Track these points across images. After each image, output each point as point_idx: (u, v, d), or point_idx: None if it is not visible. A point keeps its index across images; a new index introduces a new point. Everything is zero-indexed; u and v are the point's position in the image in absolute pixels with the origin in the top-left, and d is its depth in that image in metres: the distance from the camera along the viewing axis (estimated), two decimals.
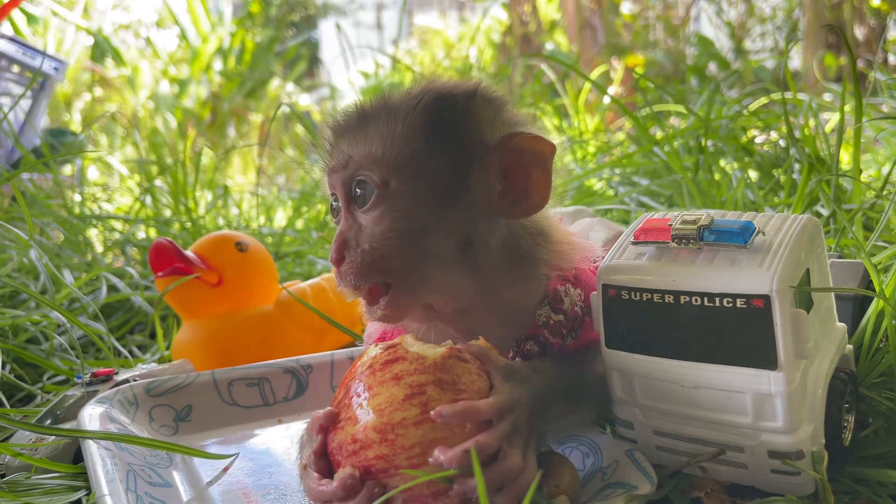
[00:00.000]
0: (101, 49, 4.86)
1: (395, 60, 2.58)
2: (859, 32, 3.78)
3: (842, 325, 0.62)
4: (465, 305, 0.60)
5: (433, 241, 0.57)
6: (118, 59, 4.89)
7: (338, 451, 0.51)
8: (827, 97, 2.05)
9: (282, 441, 0.73)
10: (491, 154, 0.58)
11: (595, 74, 2.59)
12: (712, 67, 3.90)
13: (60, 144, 1.87)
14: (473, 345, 0.54)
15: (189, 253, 0.89)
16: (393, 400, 0.49)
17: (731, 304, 0.52)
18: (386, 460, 0.48)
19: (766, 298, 0.50)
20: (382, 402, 0.50)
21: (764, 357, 0.51)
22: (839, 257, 0.79)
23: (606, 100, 2.20)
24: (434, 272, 0.58)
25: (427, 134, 0.57)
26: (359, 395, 0.51)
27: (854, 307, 0.70)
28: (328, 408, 0.53)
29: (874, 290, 0.67)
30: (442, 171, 0.57)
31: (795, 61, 3.76)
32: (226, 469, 0.66)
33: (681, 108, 1.68)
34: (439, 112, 0.57)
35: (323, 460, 0.52)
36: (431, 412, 0.48)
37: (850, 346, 0.62)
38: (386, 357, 0.52)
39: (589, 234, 0.80)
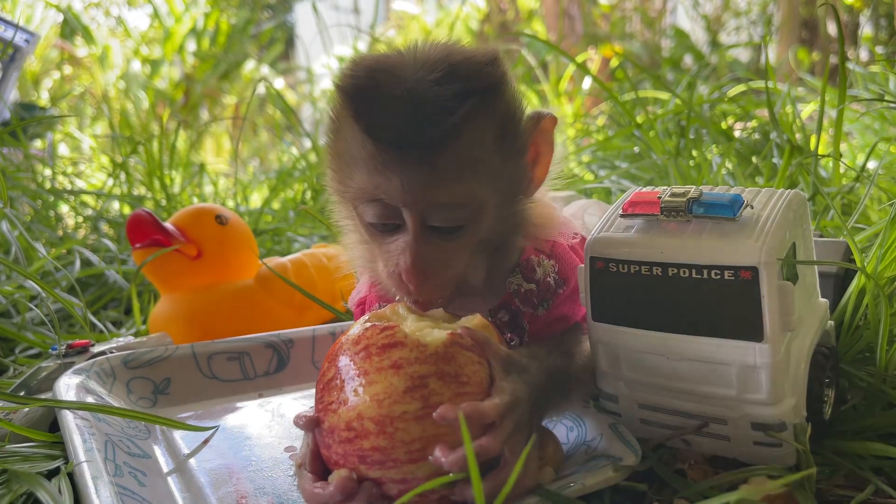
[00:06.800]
0: (71, 27, 4.75)
1: (373, 42, 2.56)
2: (832, 28, 3.83)
3: (824, 301, 0.62)
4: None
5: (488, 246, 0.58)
6: (88, 38, 4.79)
7: (329, 434, 0.49)
8: (801, 90, 2.08)
9: (262, 415, 0.72)
10: (528, 138, 0.58)
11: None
12: (687, 60, 3.93)
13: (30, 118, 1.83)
14: (473, 329, 0.52)
15: (168, 225, 0.88)
16: (392, 391, 0.47)
17: (718, 276, 0.52)
18: (383, 452, 0.47)
19: (754, 270, 0.51)
20: (381, 391, 0.48)
21: (750, 329, 0.52)
22: (820, 237, 0.80)
23: (585, 87, 2.21)
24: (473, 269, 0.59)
25: (497, 144, 0.55)
26: (353, 379, 0.49)
27: (836, 284, 0.71)
28: (311, 414, 0.52)
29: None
30: (508, 178, 0.57)
31: (770, 55, 3.80)
32: (206, 441, 0.65)
33: (661, 94, 1.69)
34: (505, 119, 0.56)
35: (318, 461, 0.51)
36: (435, 413, 0.46)
37: (831, 322, 0.63)
38: (383, 340, 0.50)
39: (584, 217, 0.80)
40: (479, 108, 0.52)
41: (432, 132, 0.51)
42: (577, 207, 0.83)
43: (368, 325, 0.52)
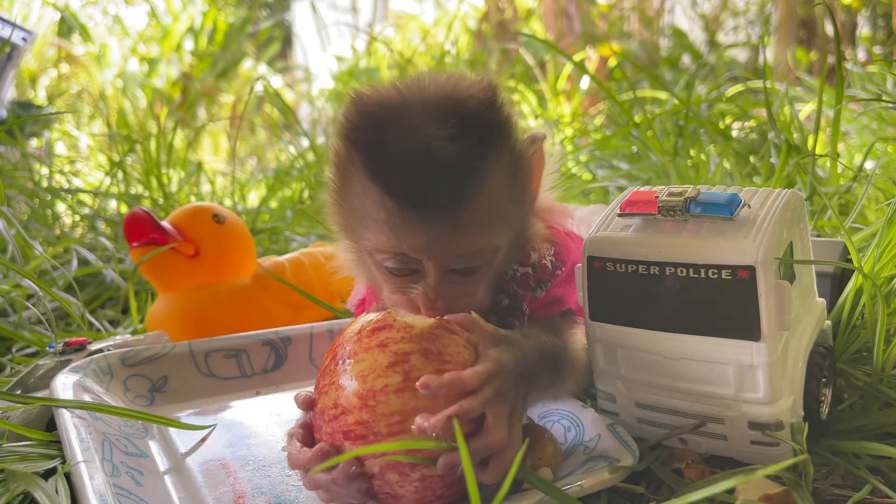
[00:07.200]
0: (68, 25, 4.74)
1: (371, 40, 2.56)
2: (830, 28, 3.83)
3: (821, 301, 0.63)
4: None
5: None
6: (85, 36, 4.78)
7: (319, 415, 0.51)
8: (799, 90, 2.08)
9: (260, 413, 0.72)
10: (530, 167, 0.60)
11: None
12: (685, 60, 3.93)
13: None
14: (462, 315, 0.53)
15: (165, 224, 0.88)
16: (376, 367, 0.49)
17: (716, 276, 0.52)
18: (365, 426, 0.48)
19: (752, 269, 0.51)
20: (366, 368, 0.49)
21: (747, 328, 0.52)
22: (818, 236, 0.80)
23: (583, 86, 2.21)
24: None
25: (509, 188, 0.57)
26: (344, 361, 0.51)
27: (833, 284, 0.72)
28: (308, 393, 0.53)
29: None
30: (519, 213, 0.59)
31: (768, 54, 3.80)
32: (203, 440, 0.65)
33: (659, 94, 1.69)
34: (513, 162, 0.57)
35: (310, 434, 0.52)
36: (417, 383, 0.47)
37: (828, 322, 0.63)
38: (374, 325, 0.52)
39: (591, 221, 0.81)
40: (494, 161, 0.54)
41: (454, 192, 0.52)
42: (586, 212, 0.84)
43: (365, 319, 0.53)
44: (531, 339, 0.55)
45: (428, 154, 0.51)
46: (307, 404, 0.52)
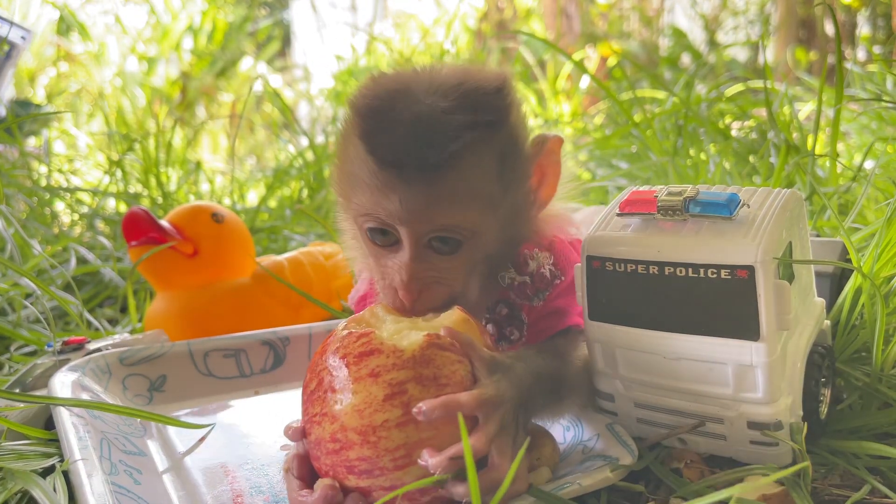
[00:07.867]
0: (67, 23, 4.73)
1: (371, 39, 2.56)
2: (830, 27, 3.83)
3: (820, 300, 0.62)
4: None
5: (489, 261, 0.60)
6: (84, 35, 4.78)
7: (316, 446, 0.50)
8: (798, 90, 2.08)
9: (258, 413, 0.72)
10: (531, 163, 0.60)
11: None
12: (685, 59, 3.93)
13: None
14: (456, 331, 0.52)
15: (164, 222, 0.87)
16: (372, 400, 0.47)
17: (715, 275, 0.52)
18: (369, 462, 0.47)
19: (751, 269, 0.51)
20: (360, 402, 0.48)
21: (746, 328, 0.52)
22: (817, 236, 0.80)
23: (583, 85, 2.21)
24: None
25: (498, 173, 0.56)
26: (334, 391, 0.49)
27: (832, 284, 0.72)
28: (297, 425, 0.52)
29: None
30: (509, 204, 0.58)
31: (768, 54, 3.80)
32: (202, 439, 0.65)
33: (659, 93, 1.69)
34: (507, 149, 0.57)
35: (305, 466, 0.52)
36: (413, 410, 0.46)
37: (827, 322, 0.63)
38: (360, 348, 0.50)
39: (592, 221, 0.81)
40: (482, 138, 0.54)
41: (432, 157, 0.52)
42: (589, 212, 0.84)
43: (345, 332, 0.52)
44: (526, 363, 0.54)
45: (418, 119, 0.52)
46: (297, 435, 0.52)
